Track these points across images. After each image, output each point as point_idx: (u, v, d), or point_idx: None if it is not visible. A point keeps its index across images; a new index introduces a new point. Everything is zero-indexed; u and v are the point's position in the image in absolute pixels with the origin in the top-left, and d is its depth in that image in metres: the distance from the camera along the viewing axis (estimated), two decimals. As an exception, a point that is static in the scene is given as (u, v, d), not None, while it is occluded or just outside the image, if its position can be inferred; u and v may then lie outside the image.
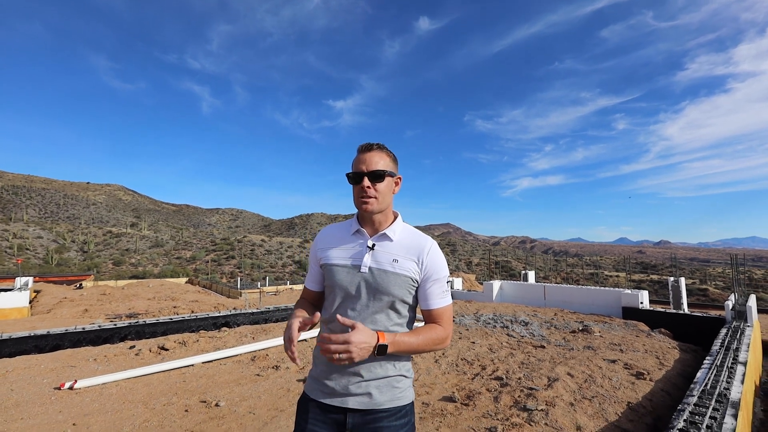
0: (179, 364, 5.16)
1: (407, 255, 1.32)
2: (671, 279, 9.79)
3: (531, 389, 4.10)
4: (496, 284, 12.81)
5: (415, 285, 1.33)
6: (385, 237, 1.35)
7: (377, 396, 1.26)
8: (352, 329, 1.15)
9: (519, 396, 3.94)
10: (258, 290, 22.60)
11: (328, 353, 1.11)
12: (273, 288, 24.83)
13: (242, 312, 9.26)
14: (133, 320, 8.09)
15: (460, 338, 6.86)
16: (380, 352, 1.18)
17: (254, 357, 5.56)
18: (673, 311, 8.90)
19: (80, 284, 23.28)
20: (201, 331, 7.39)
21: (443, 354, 5.69)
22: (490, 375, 4.75)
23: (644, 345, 6.37)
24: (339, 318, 1.18)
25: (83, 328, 6.88)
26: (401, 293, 1.30)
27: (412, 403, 1.37)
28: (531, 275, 13.74)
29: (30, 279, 16.73)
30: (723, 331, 6.46)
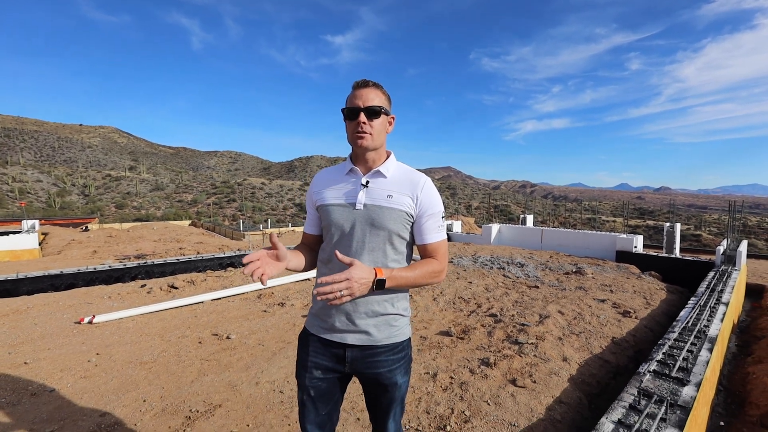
0: (190, 301, 5.44)
1: (402, 191, 1.33)
2: (667, 224, 9.93)
3: (523, 325, 4.36)
4: (495, 227, 13.03)
5: (411, 220, 1.35)
6: (379, 174, 1.35)
7: (375, 333, 1.33)
8: (350, 266, 1.16)
9: (511, 331, 4.21)
10: (260, 232, 23.06)
11: (328, 294, 1.11)
12: (275, 230, 25.33)
13: (246, 253, 9.53)
14: (142, 261, 8.36)
15: (458, 278, 7.15)
16: (378, 287, 1.21)
17: (260, 295, 5.84)
18: (665, 255, 9.16)
19: (86, 227, 23.70)
20: (208, 271, 7.68)
21: (441, 292, 5.97)
22: (485, 312, 5.02)
23: (633, 286, 6.65)
24: (337, 254, 1.18)
25: (95, 268, 7.13)
26: (397, 228, 1.32)
27: (409, 339, 1.44)
28: (529, 219, 13.93)
29: (36, 222, 16.98)
30: (710, 275, 6.70)
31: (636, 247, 9.53)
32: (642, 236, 10.16)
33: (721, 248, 8.08)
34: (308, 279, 6.92)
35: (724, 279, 6.18)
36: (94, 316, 4.59)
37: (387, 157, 1.39)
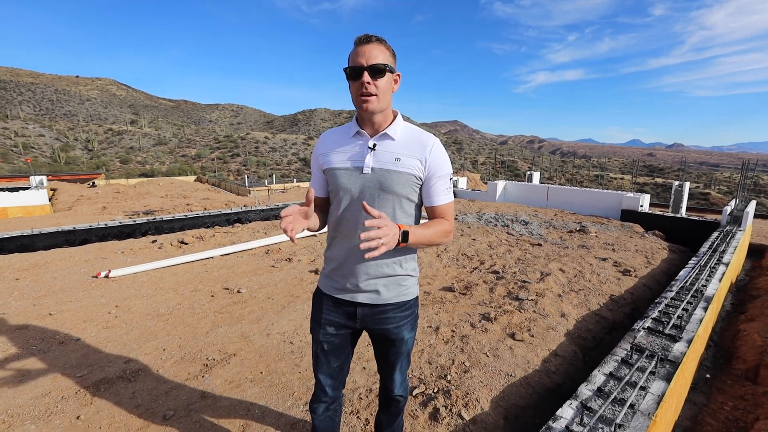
0: (201, 257, 5.61)
1: (410, 153, 1.32)
2: (675, 183, 9.78)
3: (524, 282, 4.49)
4: (500, 184, 12.95)
5: (419, 183, 1.36)
6: (386, 137, 1.33)
7: (384, 293, 1.39)
8: (378, 218, 1.11)
9: (512, 288, 4.34)
10: (266, 188, 23.12)
11: (373, 241, 1.06)
12: (280, 185, 25.35)
13: (253, 209, 9.64)
14: (151, 217, 8.51)
15: (462, 235, 7.24)
16: (404, 240, 1.19)
17: (268, 251, 6.00)
18: (671, 214, 9.13)
19: (93, 182, 23.86)
20: (216, 227, 7.83)
21: (445, 249, 6.08)
22: (488, 269, 5.15)
23: (636, 246, 6.71)
24: (365, 206, 1.11)
25: (106, 224, 7.30)
26: (406, 191, 1.33)
27: (416, 298, 1.51)
28: (536, 176, 13.78)
29: (44, 177, 17.09)
30: (714, 235, 6.72)
31: (642, 206, 9.48)
32: (649, 195, 10.06)
33: (729, 208, 8.02)
34: (314, 235, 7.05)
35: (728, 240, 6.20)
36: (110, 271, 4.78)
37: (394, 118, 1.36)
